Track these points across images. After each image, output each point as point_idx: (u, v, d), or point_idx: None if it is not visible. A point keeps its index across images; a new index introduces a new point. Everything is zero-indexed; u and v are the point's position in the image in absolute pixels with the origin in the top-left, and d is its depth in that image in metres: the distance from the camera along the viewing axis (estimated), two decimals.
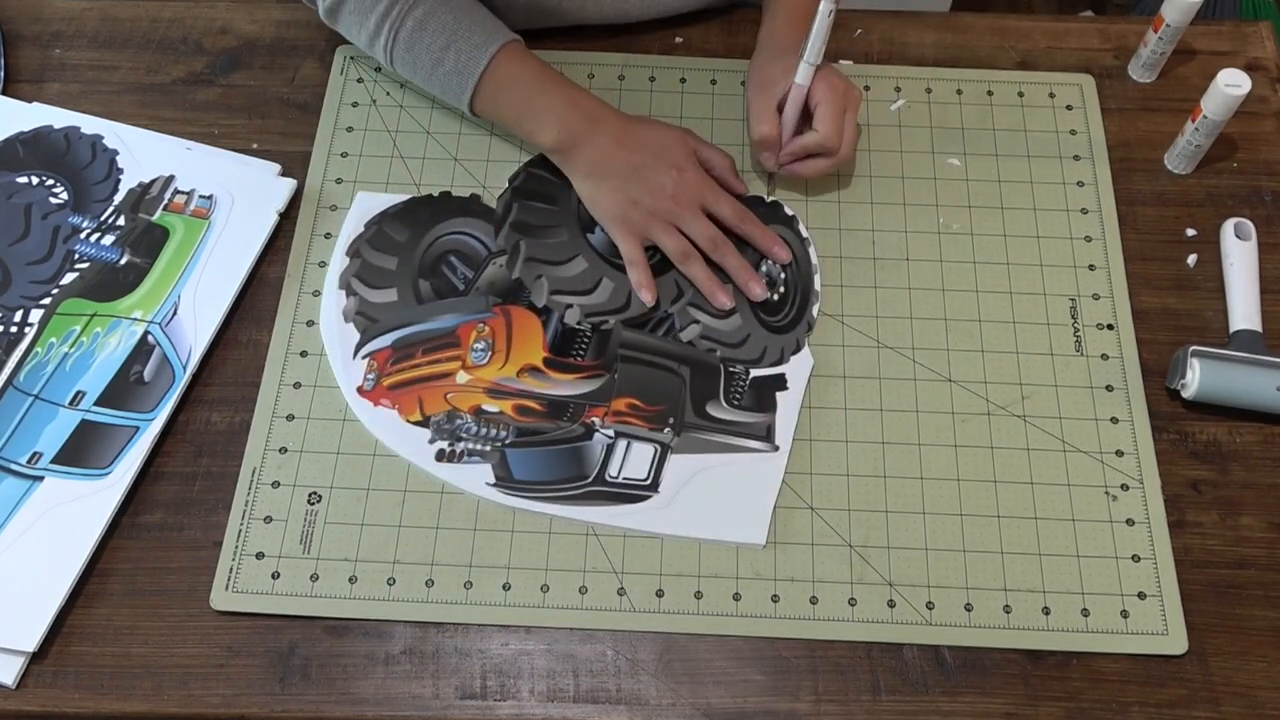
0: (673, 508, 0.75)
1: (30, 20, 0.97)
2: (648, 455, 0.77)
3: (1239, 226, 0.85)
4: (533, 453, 0.77)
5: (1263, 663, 0.72)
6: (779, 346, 0.81)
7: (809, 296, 0.83)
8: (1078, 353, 0.82)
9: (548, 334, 0.81)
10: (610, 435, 0.77)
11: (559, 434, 0.77)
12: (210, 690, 0.70)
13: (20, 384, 0.79)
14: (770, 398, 0.79)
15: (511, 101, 0.84)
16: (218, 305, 0.82)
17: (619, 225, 0.82)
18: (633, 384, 0.79)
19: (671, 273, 0.83)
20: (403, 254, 0.84)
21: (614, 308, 0.82)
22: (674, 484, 0.76)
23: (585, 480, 0.76)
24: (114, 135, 0.90)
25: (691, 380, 0.79)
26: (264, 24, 0.97)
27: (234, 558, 0.74)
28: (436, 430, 0.78)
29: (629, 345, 0.80)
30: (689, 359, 0.80)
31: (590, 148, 0.82)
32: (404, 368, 0.80)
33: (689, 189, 0.81)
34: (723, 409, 0.78)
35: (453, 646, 0.72)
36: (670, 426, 0.78)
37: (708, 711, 0.70)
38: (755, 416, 0.78)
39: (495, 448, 0.77)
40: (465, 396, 0.79)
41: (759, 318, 0.82)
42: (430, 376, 0.80)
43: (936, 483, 0.77)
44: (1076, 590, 0.73)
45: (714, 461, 0.77)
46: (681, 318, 0.82)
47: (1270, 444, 0.79)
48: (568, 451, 0.77)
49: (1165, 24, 0.90)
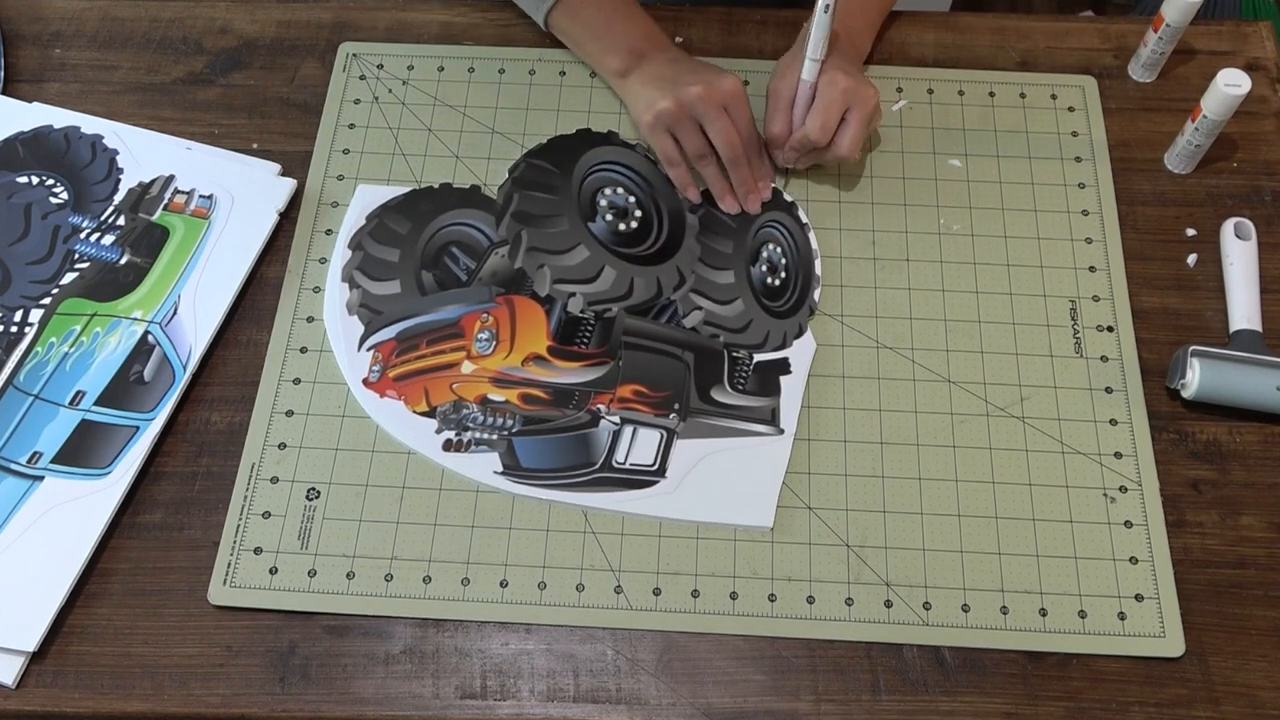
0: (680, 492, 0.76)
1: (30, 20, 0.97)
2: (654, 441, 0.77)
3: (1239, 226, 0.85)
4: (540, 441, 0.77)
5: (1263, 663, 0.72)
6: (781, 331, 0.82)
7: (810, 281, 0.84)
8: (1077, 354, 0.82)
9: (551, 323, 0.81)
10: (616, 422, 0.78)
11: (565, 422, 0.78)
12: (210, 690, 0.70)
13: (20, 384, 0.79)
14: (774, 382, 0.80)
15: (591, 18, 0.88)
16: (218, 305, 0.82)
17: (653, 119, 0.84)
18: (637, 370, 0.80)
19: (674, 260, 0.84)
20: (404, 246, 0.85)
21: (616, 295, 0.82)
22: (681, 469, 0.77)
23: (593, 467, 0.76)
24: (114, 135, 0.90)
25: (695, 366, 0.80)
26: (264, 24, 0.97)
27: (232, 553, 0.74)
28: (443, 420, 0.78)
29: (632, 332, 0.81)
30: (692, 345, 0.81)
31: (650, 65, 0.86)
32: (409, 359, 0.80)
33: (719, 90, 0.83)
34: (727, 393, 0.79)
35: (453, 646, 0.72)
36: (675, 412, 0.78)
37: (708, 711, 0.70)
38: (760, 400, 0.79)
39: (502, 437, 0.77)
40: (471, 386, 0.79)
41: (761, 303, 0.82)
42: (436, 367, 0.80)
43: (935, 483, 0.77)
44: (1074, 592, 0.73)
45: (720, 446, 0.77)
46: (684, 304, 0.82)
47: (1270, 444, 0.79)
48: (574, 439, 0.77)
49: (1165, 24, 0.89)
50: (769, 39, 0.97)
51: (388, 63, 0.95)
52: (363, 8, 0.98)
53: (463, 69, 0.94)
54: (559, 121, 0.92)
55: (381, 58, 0.95)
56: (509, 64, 0.95)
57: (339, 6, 0.98)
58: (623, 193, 0.86)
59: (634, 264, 0.84)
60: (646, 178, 0.87)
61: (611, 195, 0.86)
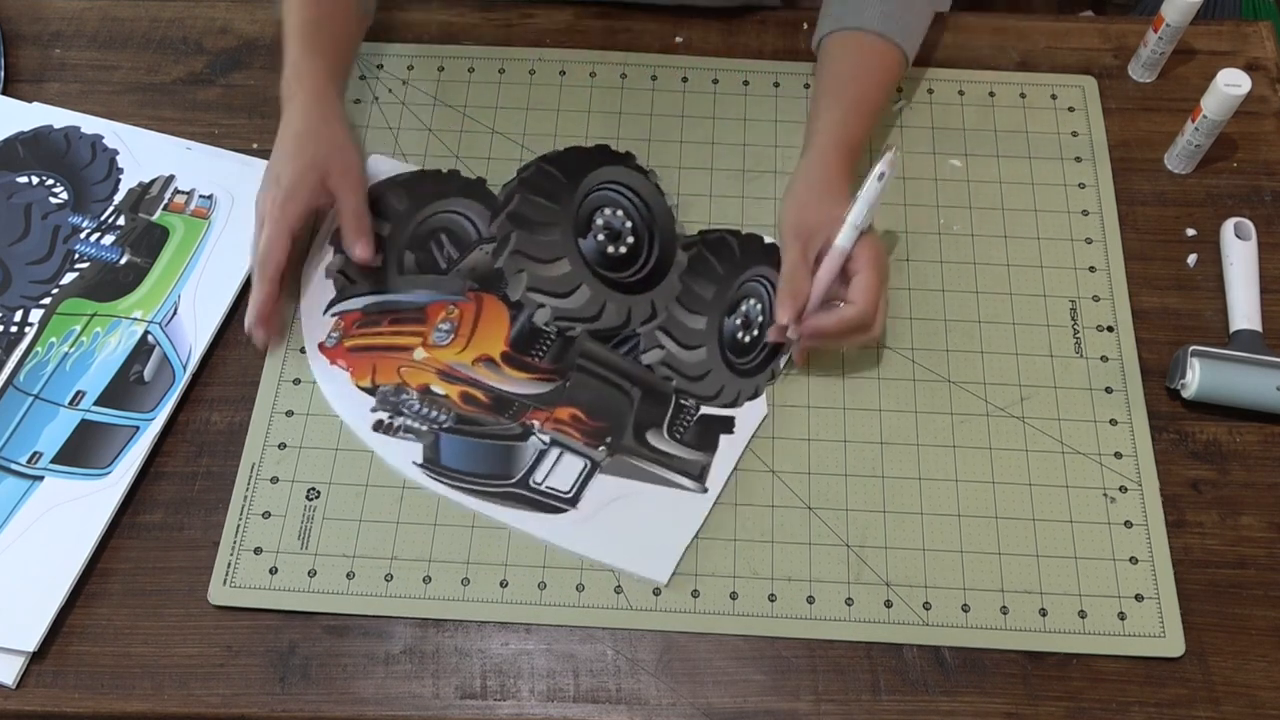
0: (587, 526, 0.74)
1: (30, 20, 0.97)
2: (576, 469, 0.76)
3: (1239, 226, 0.85)
4: (466, 442, 0.77)
5: (1263, 663, 0.72)
6: (736, 389, 0.79)
7: (781, 346, 0.80)
8: (1077, 354, 0.82)
9: (513, 329, 0.81)
10: (545, 441, 0.77)
11: (495, 429, 0.77)
12: (210, 690, 0.70)
13: (20, 384, 0.79)
14: (713, 438, 0.78)
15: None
16: (218, 305, 0.82)
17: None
18: (582, 396, 0.79)
19: (651, 293, 0.82)
20: (398, 222, 0.85)
21: (585, 316, 0.81)
22: (594, 503, 0.75)
23: (509, 480, 0.76)
24: (114, 135, 0.90)
25: (640, 404, 0.79)
26: (264, 24, 0.97)
27: (232, 553, 0.74)
28: (381, 400, 0.78)
29: (588, 356, 0.80)
30: (643, 382, 0.79)
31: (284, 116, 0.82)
32: (368, 333, 0.81)
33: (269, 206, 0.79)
34: (663, 439, 0.77)
35: (453, 646, 0.72)
36: (606, 445, 0.77)
37: (708, 711, 0.70)
38: (693, 454, 0.77)
39: (431, 429, 0.77)
40: (417, 373, 0.79)
41: (725, 356, 0.80)
42: (390, 347, 0.80)
43: (935, 483, 0.77)
44: (1074, 592, 0.73)
45: (639, 489, 0.76)
46: (647, 339, 0.81)
47: (1270, 444, 0.79)
48: (500, 448, 0.77)
49: (1165, 24, 0.89)
50: (769, 39, 0.97)
51: (388, 63, 0.95)
52: None
53: (463, 69, 0.94)
54: (559, 121, 0.92)
55: (381, 58, 0.95)
56: (509, 64, 0.95)
57: None
58: (621, 216, 0.85)
59: (611, 288, 0.82)
60: (649, 205, 0.86)
61: (609, 216, 0.85)
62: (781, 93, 0.93)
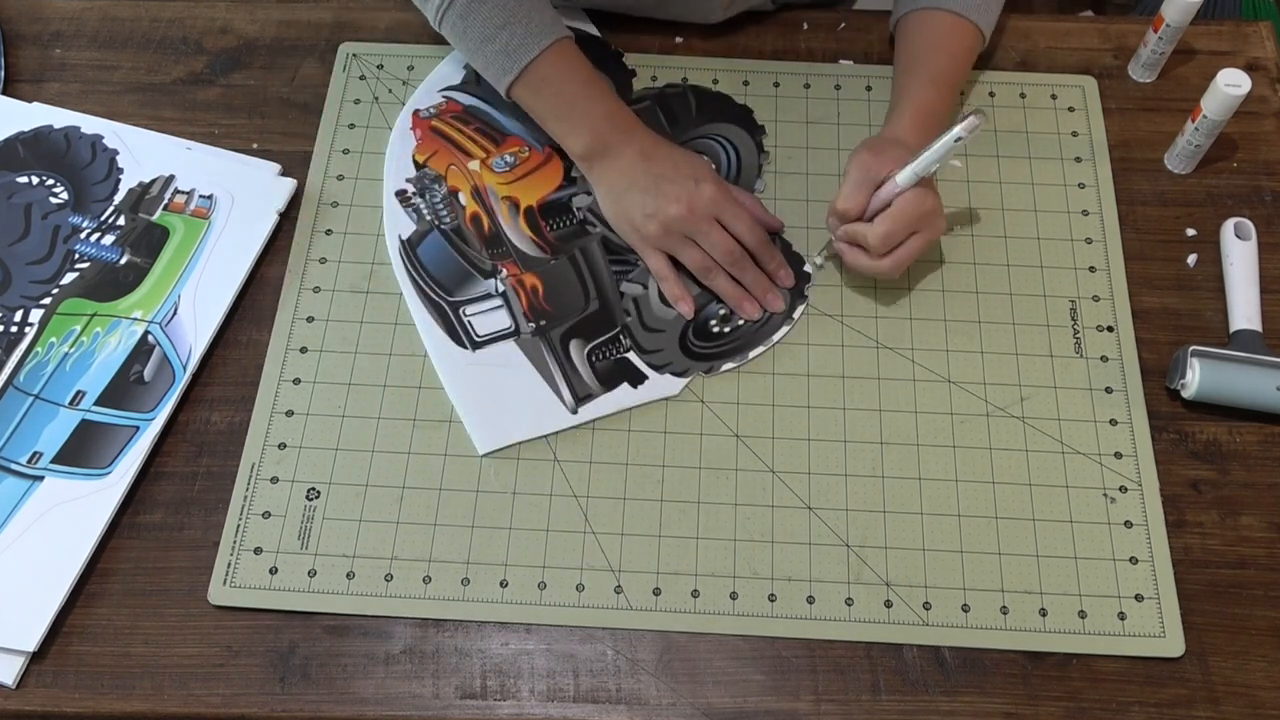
0: (468, 370, 0.80)
1: (30, 20, 0.97)
2: (499, 324, 0.82)
3: (1239, 226, 0.85)
4: (445, 249, 0.85)
5: (1263, 663, 0.72)
6: (670, 359, 0.81)
7: (737, 355, 0.81)
8: (1077, 354, 0.82)
9: (551, 195, 0.87)
10: (498, 289, 0.83)
11: (472, 255, 0.84)
12: (210, 690, 0.70)
13: (20, 384, 0.79)
14: (617, 380, 0.80)
15: (552, 98, 0.84)
16: (218, 305, 0.82)
17: (641, 240, 0.83)
18: (554, 277, 0.83)
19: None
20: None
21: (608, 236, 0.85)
22: (488, 356, 0.80)
23: (450, 296, 0.83)
24: (114, 135, 0.90)
25: (589, 315, 0.82)
26: (264, 24, 0.97)
27: (232, 553, 0.74)
28: (419, 178, 0.87)
29: (585, 252, 0.84)
30: (606, 302, 0.83)
31: (617, 159, 0.82)
32: (454, 126, 0.90)
33: (705, 200, 0.81)
34: (580, 353, 0.81)
35: (453, 646, 0.72)
36: (539, 328, 0.81)
37: (708, 711, 0.70)
38: (591, 380, 0.80)
39: (431, 223, 0.85)
40: (459, 177, 0.88)
41: (686, 328, 0.82)
42: (460, 146, 0.89)
43: (935, 483, 0.77)
44: (1074, 592, 0.73)
45: (528, 373, 0.80)
46: (639, 274, 0.83)
47: (1270, 444, 0.79)
48: (463, 270, 0.84)
49: (1165, 24, 0.89)
50: (769, 39, 0.97)
51: (388, 63, 0.95)
52: (363, 8, 0.98)
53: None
54: None
55: (381, 58, 0.95)
56: None
57: (339, 6, 0.98)
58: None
59: None
60: (741, 163, 0.89)
61: None
62: (781, 93, 0.93)
